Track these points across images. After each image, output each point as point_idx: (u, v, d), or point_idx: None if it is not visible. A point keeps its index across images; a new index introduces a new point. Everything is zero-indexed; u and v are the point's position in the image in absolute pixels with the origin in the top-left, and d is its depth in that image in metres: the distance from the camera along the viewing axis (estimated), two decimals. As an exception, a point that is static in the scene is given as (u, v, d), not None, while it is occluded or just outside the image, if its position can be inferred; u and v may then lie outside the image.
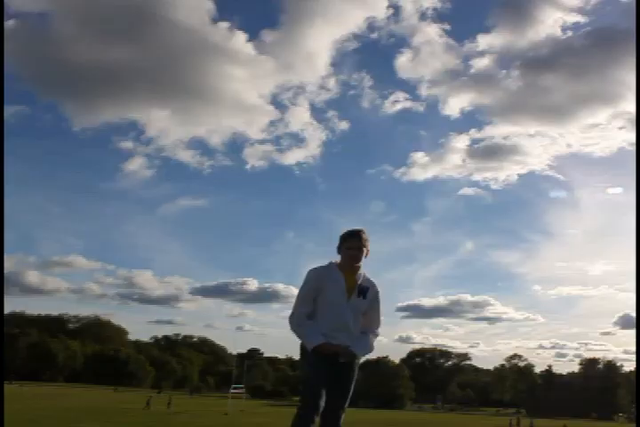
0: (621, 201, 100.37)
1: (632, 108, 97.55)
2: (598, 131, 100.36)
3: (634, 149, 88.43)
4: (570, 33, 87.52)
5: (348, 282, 3.27)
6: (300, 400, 3.23)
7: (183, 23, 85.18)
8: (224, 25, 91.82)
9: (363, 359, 3.52)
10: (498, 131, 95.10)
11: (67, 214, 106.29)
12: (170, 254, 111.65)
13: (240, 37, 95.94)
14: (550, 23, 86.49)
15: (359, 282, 3.30)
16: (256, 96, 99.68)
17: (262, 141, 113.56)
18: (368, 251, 3.37)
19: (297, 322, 3.26)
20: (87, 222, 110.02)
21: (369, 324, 3.40)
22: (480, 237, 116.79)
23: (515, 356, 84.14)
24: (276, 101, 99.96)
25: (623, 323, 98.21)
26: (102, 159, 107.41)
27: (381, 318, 3.44)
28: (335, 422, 3.29)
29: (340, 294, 3.24)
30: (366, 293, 3.29)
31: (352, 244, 3.26)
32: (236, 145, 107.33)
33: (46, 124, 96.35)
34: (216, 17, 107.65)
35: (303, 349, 3.31)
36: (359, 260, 3.29)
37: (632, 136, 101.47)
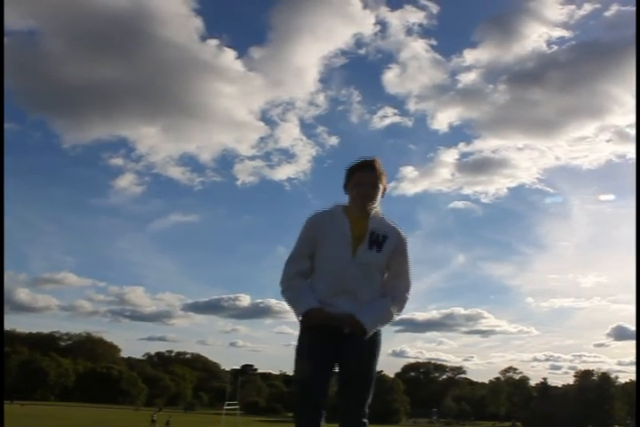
0: (612, 212, 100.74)
1: (619, 120, 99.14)
2: (586, 144, 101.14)
3: (622, 161, 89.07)
4: (555, 47, 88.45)
5: (355, 229, 2.45)
6: (293, 411, 2.51)
7: (172, 41, 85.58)
8: (213, 42, 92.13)
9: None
10: (486, 144, 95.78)
11: (57, 231, 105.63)
12: (161, 271, 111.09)
13: (229, 54, 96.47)
14: (535, 38, 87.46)
15: (372, 229, 2.46)
16: (246, 112, 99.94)
17: (252, 157, 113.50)
18: (385, 188, 2.57)
19: (286, 284, 2.49)
20: (78, 239, 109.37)
21: (392, 283, 2.51)
22: (472, 250, 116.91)
23: (509, 369, 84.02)
24: (265, 118, 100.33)
25: (616, 334, 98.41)
26: (92, 176, 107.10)
27: (410, 277, 2.54)
28: None
29: (344, 245, 2.42)
30: (383, 243, 2.44)
31: (363, 178, 2.48)
32: (226, 161, 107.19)
33: (36, 141, 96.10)
34: (205, 34, 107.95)
35: (300, 333, 2.50)
36: (373, 199, 2.48)
37: (619, 148, 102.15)
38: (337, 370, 2.48)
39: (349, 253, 2.42)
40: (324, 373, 2.43)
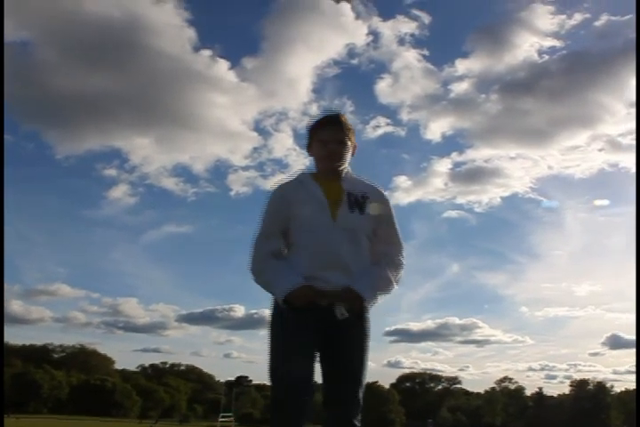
0: (605, 220, 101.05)
1: (610, 130, 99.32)
2: (578, 153, 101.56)
3: (614, 170, 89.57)
4: (546, 57, 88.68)
5: (329, 193, 2.16)
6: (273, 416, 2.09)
7: (165, 51, 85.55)
8: (206, 53, 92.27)
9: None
10: (479, 154, 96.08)
11: (50, 242, 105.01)
12: (155, 282, 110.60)
13: (222, 65, 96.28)
14: (526, 47, 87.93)
15: (347, 190, 2.19)
16: (239, 123, 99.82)
17: (246, 168, 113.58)
18: (355, 146, 2.27)
19: (259, 267, 2.16)
20: (71, 250, 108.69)
21: (382, 249, 2.21)
22: (466, 259, 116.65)
23: (505, 378, 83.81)
24: (258, 128, 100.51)
25: (611, 343, 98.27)
26: (86, 187, 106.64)
27: (401, 240, 2.25)
28: None
29: (321, 211, 2.12)
30: (364, 204, 2.17)
31: (328, 134, 2.19)
32: (219, 172, 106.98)
33: (29, 152, 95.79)
34: (198, 45, 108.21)
35: (273, 317, 2.16)
36: (342, 158, 2.21)
37: (611, 157, 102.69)
38: (320, 361, 2.15)
39: (329, 217, 2.11)
40: (310, 368, 2.09)
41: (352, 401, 2.11)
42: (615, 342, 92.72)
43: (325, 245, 2.10)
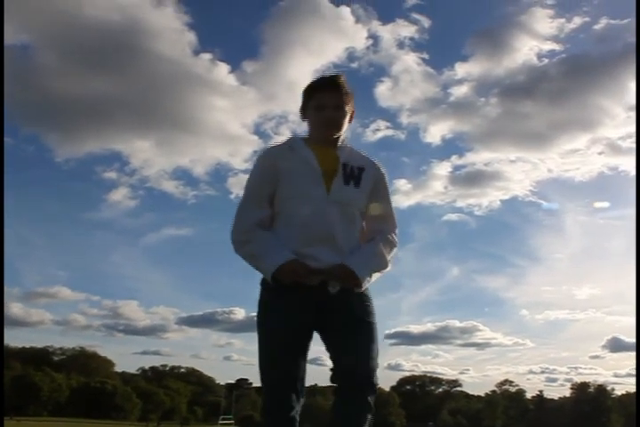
0: (605, 223, 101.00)
1: (610, 133, 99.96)
2: (578, 156, 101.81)
3: (614, 173, 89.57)
4: (545, 60, 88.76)
5: (323, 162, 1.97)
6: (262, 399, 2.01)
7: (165, 55, 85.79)
8: (206, 56, 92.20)
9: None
10: (479, 157, 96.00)
11: (50, 245, 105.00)
12: (155, 284, 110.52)
13: (222, 68, 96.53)
14: (526, 51, 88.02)
15: (343, 160, 2.00)
16: (239, 126, 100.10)
17: (246, 171, 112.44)
18: (353, 111, 2.07)
19: (243, 237, 1.97)
20: (71, 253, 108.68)
21: (375, 226, 2.05)
22: (466, 262, 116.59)
23: (505, 381, 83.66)
24: (259, 131, 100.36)
25: (612, 346, 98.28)
26: (86, 190, 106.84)
27: (396, 219, 2.11)
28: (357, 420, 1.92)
29: (313, 181, 1.94)
30: (360, 176, 2.00)
31: (325, 99, 1.99)
32: (219, 175, 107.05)
33: (29, 155, 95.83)
34: (198, 49, 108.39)
35: (260, 306, 1.99)
36: (339, 125, 2.03)
37: (611, 161, 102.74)
38: (322, 340, 1.99)
39: (322, 189, 1.93)
40: (303, 355, 1.95)
41: (365, 375, 1.89)
42: (616, 345, 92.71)
43: (317, 219, 1.91)
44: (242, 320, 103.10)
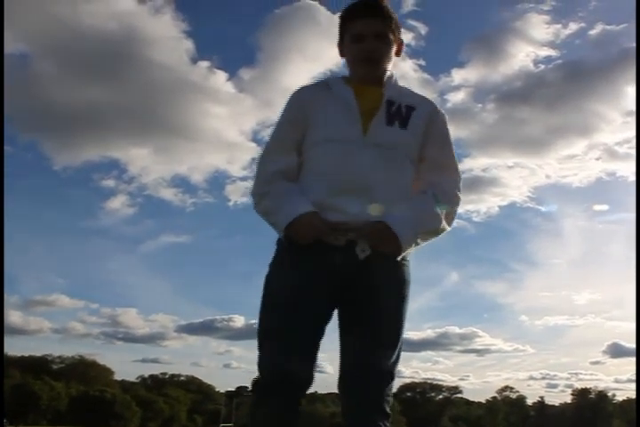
0: (603, 228, 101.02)
1: (607, 138, 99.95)
2: (576, 162, 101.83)
3: (611, 178, 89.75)
4: (542, 66, 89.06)
5: (364, 99, 1.64)
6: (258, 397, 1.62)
7: (163, 63, 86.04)
8: (204, 64, 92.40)
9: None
10: (476, 163, 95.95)
11: (49, 253, 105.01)
12: (154, 292, 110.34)
13: (220, 76, 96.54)
14: (522, 57, 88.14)
15: (388, 97, 1.66)
16: (237, 133, 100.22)
17: (244, 178, 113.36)
18: (402, 43, 1.74)
19: (261, 190, 1.63)
20: (70, 261, 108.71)
21: (431, 178, 1.68)
22: (465, 268, 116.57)
23: (506, 388, 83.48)
24: (256, 138, 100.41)
25: (612, 352, 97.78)
26: (84, 197, 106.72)
27: (459, 171, 1.73)
28: (372, 412, 1.55)
29: (348, 121, 1.61)
30: (408, 116, 1.65)
31: (363, 26, 1.64)
32: (217, 182, 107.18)
33: (27, 163, 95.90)
34: (196, 56, 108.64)
35: (274, 257, 1.66)
36: (382, 58, 1.68)
37: (608, 166, 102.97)
38: (340, 320, 1.64)
39: (358, 130, 1.60)
40: (315, 337, 1.59)
41: (382, 372, 1.58)
42: (616, 351, 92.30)
43: (348, 164, 1.56)
44: (241, 328, 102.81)
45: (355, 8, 1.68)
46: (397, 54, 1.76)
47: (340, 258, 1.54)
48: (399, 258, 1.59)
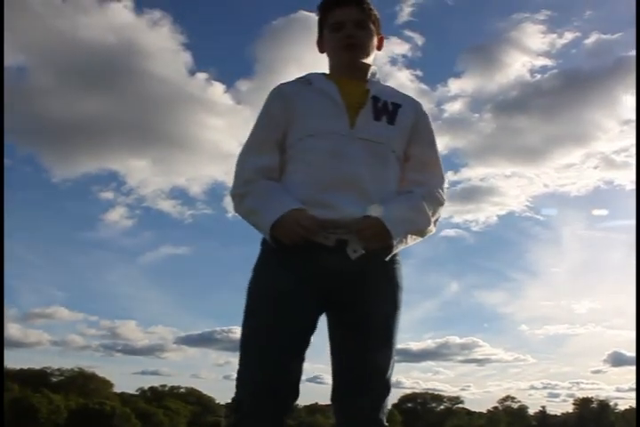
0: (602, 236, 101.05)
1: (604, 147, 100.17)
2: (573, 171, 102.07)
3: (609, 187, 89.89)
4: (538, 76, 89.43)
5: (349, 95, 1.58)
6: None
7: (162, 75, 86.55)
8: (202, 76, 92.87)
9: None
10: (474, 173, 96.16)
11: (47, 265, 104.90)
12: (153, 304, 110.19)
13: (218, 88, 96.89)
14: (518, 67, 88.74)
15: (373, 93, 1.61)
16: (235, 145, 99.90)
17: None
18: (382, 38, 1.70)
19: (242, 190, 1.54)
20: (68, 273, 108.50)
21: (416, 177, 1.62)
22: (464, 277, 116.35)
23: (507, 398, 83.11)
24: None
25: (613, 361, 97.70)
26: (83, 210, 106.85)
27: (443, 169, 1.70)
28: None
29: (333, 115, 1.55)
30: (395, 112, 1.59)
31: (344, 15, 1.60)
32: (216, 194, 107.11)
33: (26, 175, 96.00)
34: (194, 68, 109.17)
35: (257, 259, 1.56)
36: (364, 46, 1.63)
37: (606, 175, 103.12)
38: (329, 328, 1.56)
39: (345, 124, 1.53)
40: (300, 345, 1.48)
41: (379, 379, 1.49)
42: (617, 360, 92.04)
43: (336, 158, 1.49)
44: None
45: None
46: (378, 48, 1.71)
47: (330, 259, 1.45)
48: (388, 257, 1.52)
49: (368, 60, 1.67)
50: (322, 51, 1.71)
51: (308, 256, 1.45)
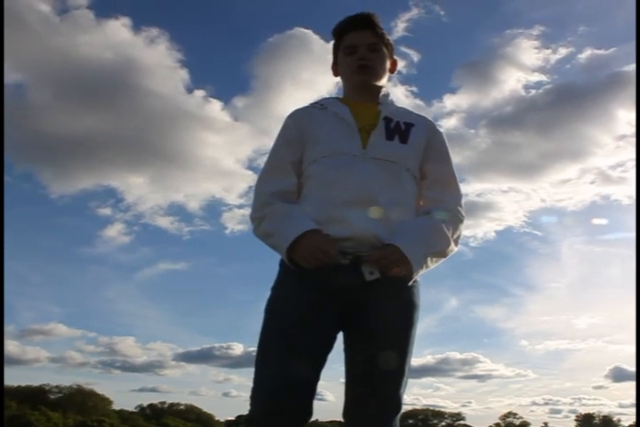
0: (601, 251, 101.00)
1: (600, 162, 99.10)
2: (570, 186, 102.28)
3: (606, 202, 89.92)
4: (532, 91, 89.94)
5: (361, 116, 1.62)
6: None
7: (159, 92, 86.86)
8: (199, 93, 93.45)
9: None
10: (471, 188, 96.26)
11: (45, 282, 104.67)
12: (151, 320, 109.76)
13: (215, 105, 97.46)
14: (513, 82, 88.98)
15: (385, 114, 1.65)
16: (233, 161, 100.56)
17: (241, 206, 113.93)
18: (395, 61, 1.77)
19: (260, 213, 1.56)
20: (66, 289, 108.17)
21: (433, 195, 1.62)
22: (464, 293, 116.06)
23: (509, 414, 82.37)
24: (252, 166, 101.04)
25: (615, 376, 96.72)
26: (80, 226, 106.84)
27: (460, 187, 1.67)
28: None
29: (346, 135, 1.59)
30: (408, 132, 1.62)
31: (356, 39, 1.67)
32: (214, 210, 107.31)
33: (24, 192, 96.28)
34: (191, 86, 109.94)
35: (275, 281, 1.57)
36: (376, 68, 1.68)
37: (602, 190, 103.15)
38: (345, 345, 1.55)
39: (357, 145, 1.56)
40: (318, 364, 1.48)
41: (389, 396, 1.49)
42: (619, 375, 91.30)
43: (348, 175, 1.51)
44: (240, 355, 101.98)
45: (347, 22, 1.72)
46: (392, 71, 1.77)
47: (344, 279, 1.45)
48: (410, 282, 1.53)
49: (380, 83, 1.72)
50: (336, 74, 1.76)
51: (323, 277, 1.45)
